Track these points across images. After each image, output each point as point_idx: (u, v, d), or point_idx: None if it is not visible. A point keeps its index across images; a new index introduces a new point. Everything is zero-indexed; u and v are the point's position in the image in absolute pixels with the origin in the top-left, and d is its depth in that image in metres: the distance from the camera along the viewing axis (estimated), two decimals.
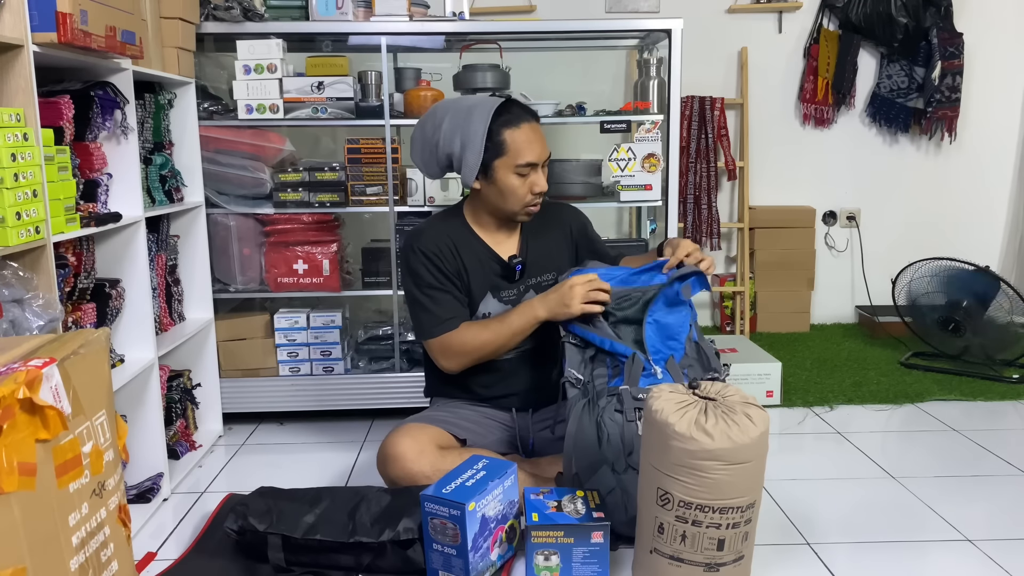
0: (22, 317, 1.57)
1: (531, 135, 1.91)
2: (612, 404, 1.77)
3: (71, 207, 1.78)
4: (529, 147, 1.91)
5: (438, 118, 1.94)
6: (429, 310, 1.96)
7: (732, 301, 3.82)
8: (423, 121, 1.98)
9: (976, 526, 1.93)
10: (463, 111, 1.91)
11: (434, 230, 2.01)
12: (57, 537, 1.15)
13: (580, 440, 1.77)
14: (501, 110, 1.90)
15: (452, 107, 1.94)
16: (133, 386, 2.08)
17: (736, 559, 1.56)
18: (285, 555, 1.72)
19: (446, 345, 1.96)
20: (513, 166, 1.90)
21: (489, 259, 2.03)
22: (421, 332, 2.00)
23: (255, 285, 2.74)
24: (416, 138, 1.98)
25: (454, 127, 1.90)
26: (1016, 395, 2.88)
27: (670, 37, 2.59)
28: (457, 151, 1.91)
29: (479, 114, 1.89)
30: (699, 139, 3.68)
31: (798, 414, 2.75)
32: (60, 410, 1.15)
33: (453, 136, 1.90)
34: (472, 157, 1.89)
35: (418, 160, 2.00)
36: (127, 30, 1.89)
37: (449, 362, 1.98)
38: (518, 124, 1.90)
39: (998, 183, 3.92)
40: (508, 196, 1.94)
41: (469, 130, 1.88)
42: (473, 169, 1.91)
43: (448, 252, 1.97)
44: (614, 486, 1.73)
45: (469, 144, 1.89)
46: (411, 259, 1.98)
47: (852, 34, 3.70)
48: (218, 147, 2.60)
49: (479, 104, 1.91)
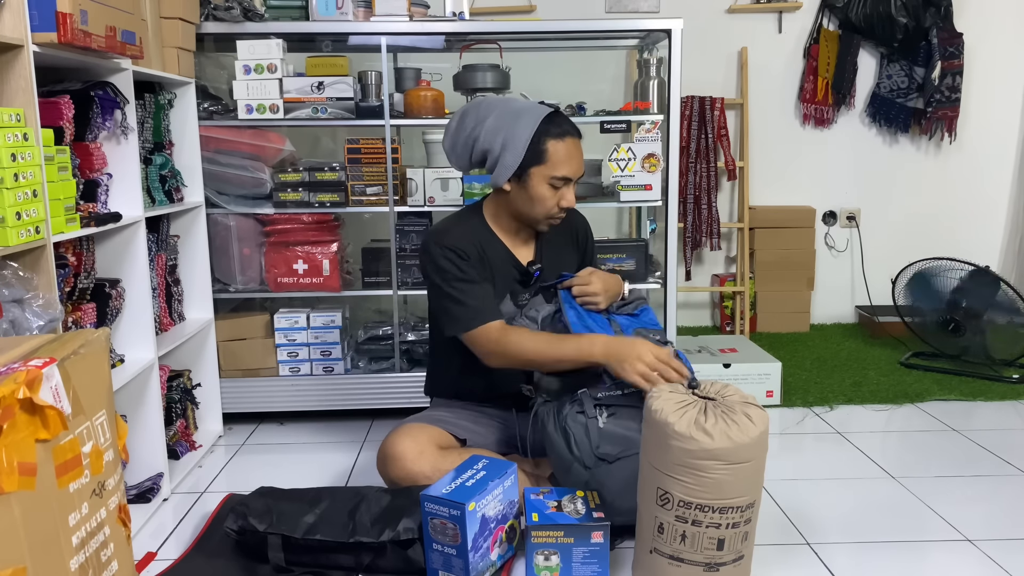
0: (22, 317, 1.57)
1: (573, 150, 1.91)
2: (574, 409, 1.80)
3: (71, 207, 1.78)
4: (568, 161, 1.91)
5: (482, 113, 1.92)
6: (463, 303, 1.90)
7: (732, 301, 3.82)
8: (464, 113, 1.96)
9: (976, 526, 1.93)
10: (511, 112, 1.90)
11: (459, 229, 2.00)
12: (57, 537, 1.15)
13: (551, 448, 1.82)
14: (549, 118, 1.90)
15: (499, 106, 1.93)
16: (133, 386, 2.08)
17: (736, 559, 1.56)
18: (285, 555, 1.72)
19: (482, 339, 1.89)
20: (549, 176, 1.90)
21: (508, 263, 2.03)
22: (457, 328, 1.92)
23: (255, 285, 2.74)
24: (452, 128, 1.97)
25: (498, 126, 1.89)
26: (1016, 395, 2.88)
27: (670, 37, 2.59)
28: (496, 150, 1.90)
29: (528, 119, 1.89)
30: (699, 139, 3.68)
31: (798, 414, 2.75)
32: (60, 410, 1.15)
33: (495, 135, 1.89)
34: (511, 158, 1.89)
35: (449, 148, 1.98)
36: (127, 30, 1.89)
37: (490, 358, 1.90)
38: (563, 137, 1.90)
39: (998, 183, 3.92)
40: (536, 204, 1.94)
41: (515, 132, 1.88)
42: (509, 170, 1.90)
43: (475, 251, 1.96)
44: (587, 479, 1.76)
45: (511, 145, 1.88)
46: (436, 255, 1.93)
47: (852, 34, 3.70)
48: (218, 147, 2.60)
49: (529, 109, 1.91)
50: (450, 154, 1.99)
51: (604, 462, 1.74)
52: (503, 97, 1.96)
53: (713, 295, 3.99)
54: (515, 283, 2.05)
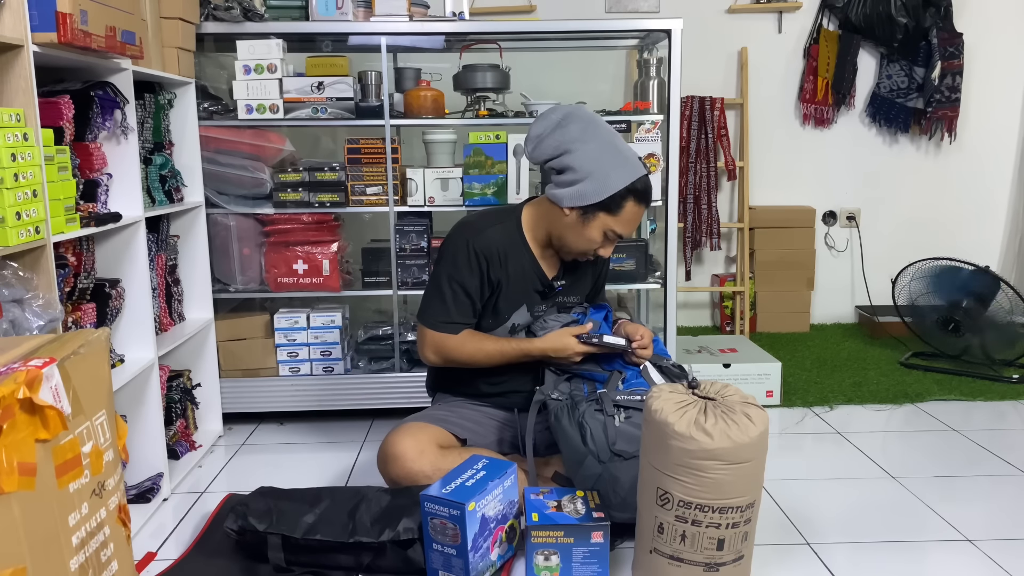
0: (22, 317, 1.57)
1: (638, 216, 1.94)
2: (592, 407, 1.84)
3: (71, 207, 1.78)
4: (630, 223, 1.93)
5: (588, 132, 1.89)
6: (447, 304, 1.97)
7: (732, 301, 3.82)
8: (570, 117, 1.91)
9: (976, 526, 1.93)
10: (615, 151, 1.89)
11: (493, 232, 1.99)
12: (57, 537, 1.15)
13: (564, 441, 1.83)
14: (641, 178, 1.90)
15: (607, 137, 1.90)
16: (133, 386, 2.08)
17: (736, 559, 1.56)
18: (285, 555, 1.72)
19: (439, 343, 1.99)
20: (609, 227, 1.92)
21: (533, 274, 2.04)
22: (426, 317, 2.01)
23: (255, 285, 2.73)
24: (553, 123, 1.91)
25: (598, 156, 1.87)
26: (1016, 395, 2.88)
27: (670, 37, 2.59)
28: (582, 176, 1.88)
29: (627, 169, 1.88)
30: (699, 139, 3.68)
31: (798, 414, 2.75)
32: (60, 410, 1.15)
33: (591, 163, 1.87)
34: (591, 193, 1.88)
35: (535, 137, 1.93)
36: (127, 30, 1.89)
37: (433, 357, 2.02)
38: (640, 202, 1.91)
39: (998, 183, 3.92)
40: (582, 241, 1.95)
41: (609, 173, 1.86)
42: (581, 200, 1.89)
43: (496, 259, 1.97)
44: (600, 472, 1.76)
45: (599, 182, 1.87)
46: (459, 250, 1.96)
47: (852, 34, 3.70)
48: (218, 147, 2.60)
49: (630, 159, 1.90)
50: (534, 144, 1.94)
51: (620, 458, 1.76)
52: (611, 128, 1.94)
53: (713, 295, 3.99)
54: (535, 293, 2.05)
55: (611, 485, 1.75)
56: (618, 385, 1.90)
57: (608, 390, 1.88)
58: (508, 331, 2.03)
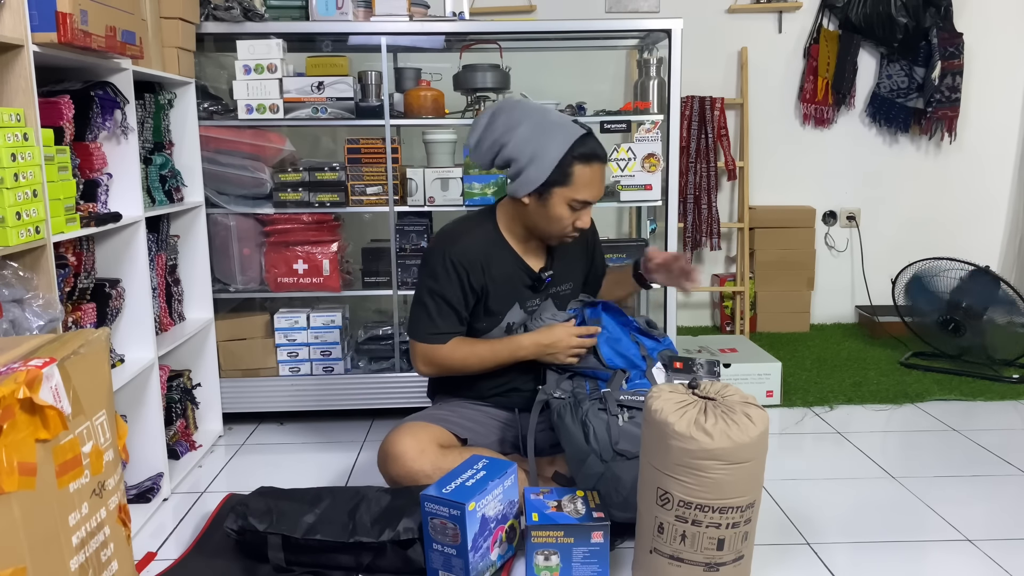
0: (22, 317, 1.57)
1: (597, 175, 1.90)
2: (595, 405, 1.83)
3: (71, 207, 1.78)
4: (591, 186, 1.90)
5: (514, 119, 1.89)
6: (431, 316, 1.96)
7: (732, 301, 3.82)
8: (496, 112, 1.92)
9: (976, 526, 1.93)
10: (543, 127, 1.87)
11: (469, 239, 1.98)
12: (57, 537, 1.15)
13: (567, 439, 1.83)
14: (580, 140, 1.87)
15: (534, 116, 1.89)
16: (133, 386, 2.08)
17: (736, 559, 1.57)
18: (285, 555, 1.72)
19: (430, 354, 1.99)
20: (570, 198, 1.89)
21: (519, 270, 2.03)
22: (413, 331, 2.00)
23: (255, 285, 2.74)
24: (482, 126, 1.93)
25: (529, 138, 1.86)
26: (1016, 395, 2.88)
27: (670, 37, 2.59)
28: (523, 162, 1.87)
29: (560, 138, 1.85)
30: (699, 139, 3.68)
31: (798, 414, 2.75)
32: (60, 410, 1.15)
33: (525, 146, 1.86)
34: (536, 174, 1.86)
35: (474, 144, 1.95)
36: (127, 30, 1.89)
37: (426, 368, 2.02)
38: (590, 162, 1.87)
39: (998, 183, 3.92)
40: (552, 222, 1.93)
41: (544, 149, 1.85)
42: (531, 185, 1.88)
43: (477, 267, 1.95)
44: (603, 471, 1.76)
45: (538, 161, 1.85)
46: (437, 262, 1.95)
47: (852, 34, 3.70)
48: (218, 147, 2.60)
49: (562, 127, 1.87)
50: (474, 151, 1.96)
51: (622, 458, 1.76)
52: (538, 105, 1.92)
53: (713, 295, 3.99)
54: (524, 289, 2.04)
55: (613, 484, 1.75)
56: (622, 384, 1.90)
57: (612, 389, 1.87)
58: (504, 331, 2.02)
